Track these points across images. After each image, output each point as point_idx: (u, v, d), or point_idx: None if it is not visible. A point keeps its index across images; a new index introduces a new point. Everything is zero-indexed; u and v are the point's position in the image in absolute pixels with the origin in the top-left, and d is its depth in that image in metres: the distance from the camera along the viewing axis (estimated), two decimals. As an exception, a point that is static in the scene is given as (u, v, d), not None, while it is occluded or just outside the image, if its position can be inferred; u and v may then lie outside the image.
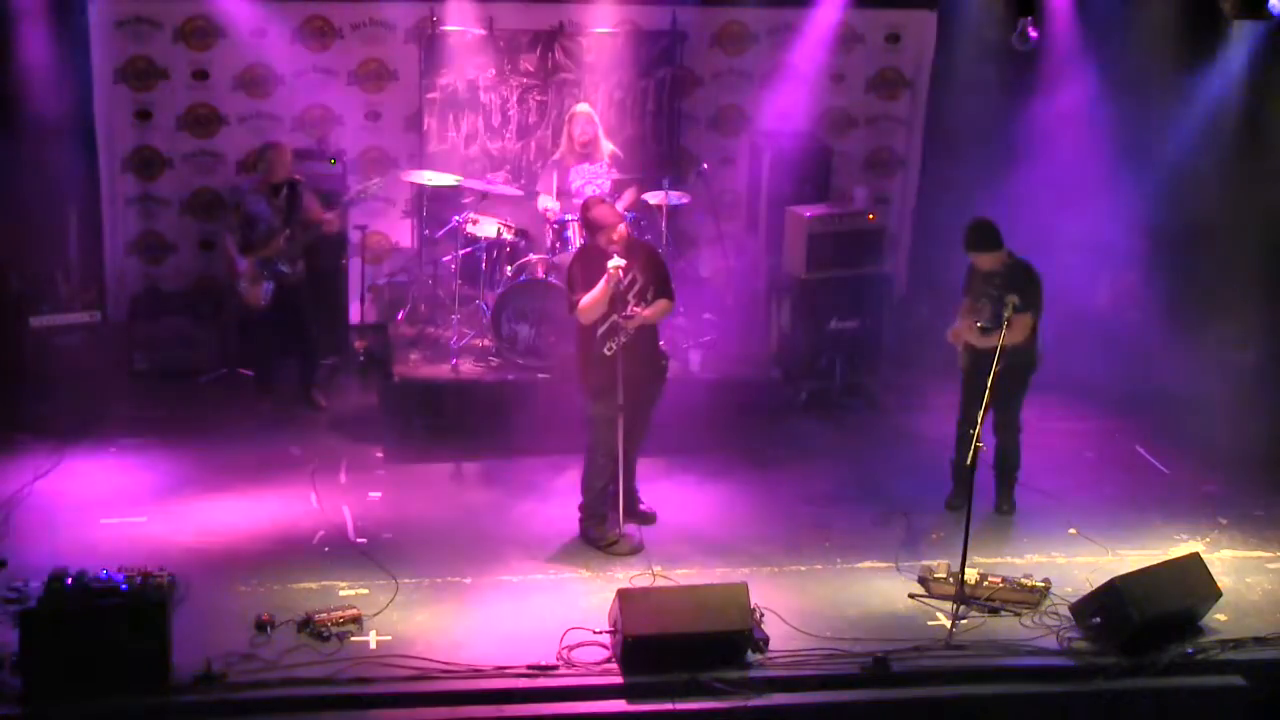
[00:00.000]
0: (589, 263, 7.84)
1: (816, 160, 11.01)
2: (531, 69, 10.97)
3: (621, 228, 7.83)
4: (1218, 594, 7.43)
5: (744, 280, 11.23)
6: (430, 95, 10.88)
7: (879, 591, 7.67)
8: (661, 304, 7.99)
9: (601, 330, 7.82)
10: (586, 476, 8.08)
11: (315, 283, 9.96)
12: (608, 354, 7.79)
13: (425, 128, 10.93)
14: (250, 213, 9.50)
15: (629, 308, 7.83)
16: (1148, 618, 7.02)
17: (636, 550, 7.99)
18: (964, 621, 7.27)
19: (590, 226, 7.89)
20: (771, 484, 9.03)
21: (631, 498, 8.25)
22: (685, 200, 10.35)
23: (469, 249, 9.97)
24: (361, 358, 10.56)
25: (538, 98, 11.03)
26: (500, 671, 6.72)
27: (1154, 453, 9.61)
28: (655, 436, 8.40)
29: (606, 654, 6.89)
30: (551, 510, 8.49)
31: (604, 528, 8.05)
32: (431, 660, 6.75)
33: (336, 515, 8.33)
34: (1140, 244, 10.55)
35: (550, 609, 7.31)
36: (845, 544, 8.20)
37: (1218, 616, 7.44)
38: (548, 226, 9.90)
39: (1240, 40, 10.16)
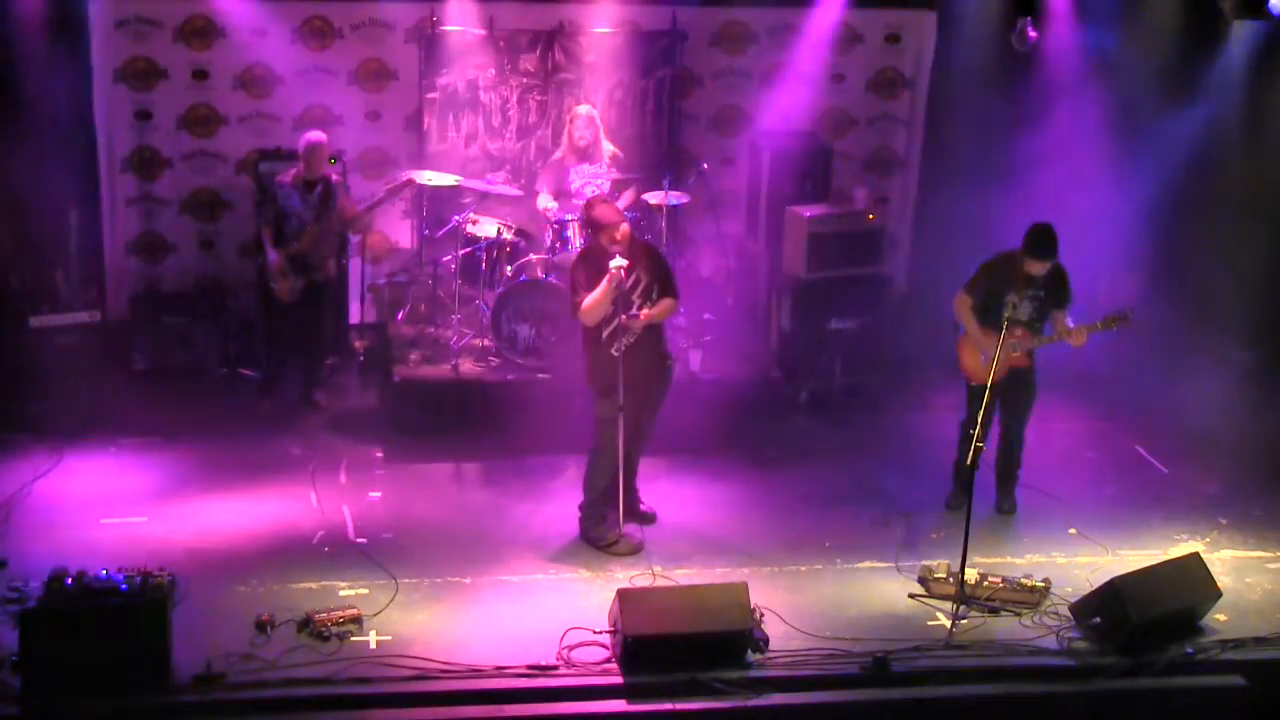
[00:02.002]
0: (592, 263, 7.83)
1: (816, 160, 11.01)
2: (531, 69, 10.97)
3: (624, 227, 7.82)
4: (1218, 594, 7.43)
5: (744, 280, 11.24)
6: (430, 95, 10.88)
7: (879, 591, 7.67)
8: (667, 303, 7.98)
9: (608, 331, 7.82)
10: (589, 476, 8.07)
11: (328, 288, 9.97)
12: (616, 354, 7.79)
13: (425, 128, 10.93)
14: (283, 207, 9.50)
15: (634, 307, 7.83)
16: (1148, 618, 7.02)
17: (636, 550, 7.99)
18: (964, 621, 7.27)
19: (593, 226, 7.89)
20: (771, 484, 9.02)
21: (632, 498, 8.25)
22: (685, 200, 10.35)
23: (469, 249, 9.97)
24: (361, 358, 10.56)
25: (538, 98, 11.03)
26: (500, 671, 6.72)
27: (1154, 453, 9.61)
28: (656, 436, 8.40)
29: (606, 654, 6.89)
30: (551, 510, 8.49)
31: (604, 528, 8.05)
32: (431, 660, 6.75)
33: (336, 515, 8.33)
34: (1140, 243, 10.55)
35: (550, 609, 7.31)
36: (845, 544, 8.20)
37: (1218, 616, 7.44)
38: (548, 226, 9.90)
39: (1240, 40, 10.16)
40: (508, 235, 9.87)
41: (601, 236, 7.80)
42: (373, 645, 6.92)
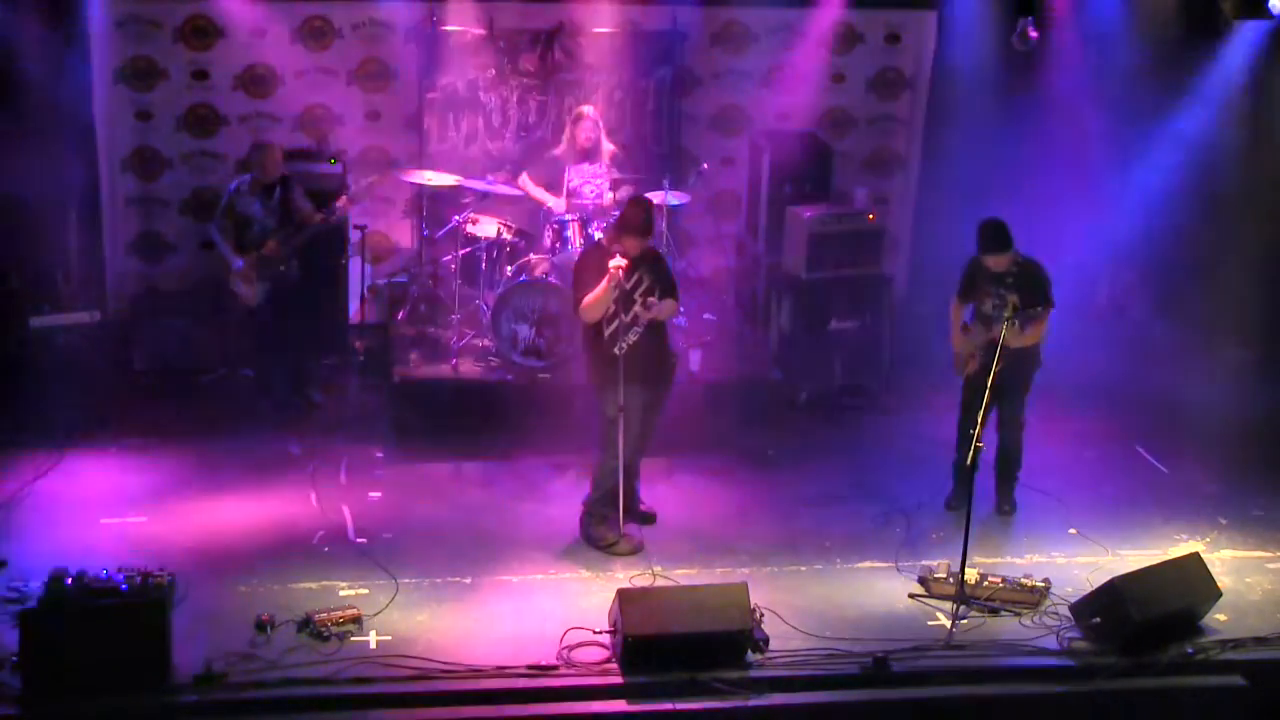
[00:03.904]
0: (596, 261, 7.81)
1: (816, 160, 11.01)
2: (531, 69, 10.98)
3: (641, 241, 7.78)
4: (1218, 594, 7.43)
5: (744, 280, 11.23)
6: (430, 95, 10.89)
7: (879, 591, 7.67)
8: (668, 303, 7.98)
9: (610, 330, 7.81)
10: (596, 476, 8.07)
11: (315, 282, 9.96)
12: (617, 354, 7.78)
13: (425, 128, 10.94)
14: (243, 214, 9.50)
15: (636, 307, 7.82)
16: (1148, 618, 7.02)
17: (636, 550, 7.99)
18: (964, 621, 7.27)
19: (630, 226, 7.72)
20: (771, 484, 9.03)
21: (632, 498, 8.25)
22: (685, 200, 10.35)
23: (469, 249, 9.97)
24: (361, 358, 10.56)
25: (538, 98, 11.04)
26: (500, 671, 6.72)
27: (1154, 453, 9.61)
28: (656, 436, 8.40)
29: (606, 654, 6.89)
30: (551, 510, 8.49)
31: (604, 528, 8.05)
32: (431, 660, 6.76)
33: (336, 515, 8.33)
34: (1140, 243, 10.55)
35: (550, 609, 7.31)
36: (845, 544, 8.20)
37: (1218, 616, 7.44)
38: (548, 226, 9.90)
39: (1240, 40, 10.16)
40: (508, 235, 9.87)
41: (625, 238, 7.73)
42: (373, 645, 6.91)
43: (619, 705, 6.64)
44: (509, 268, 9.82)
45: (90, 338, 9.97)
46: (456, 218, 10.00)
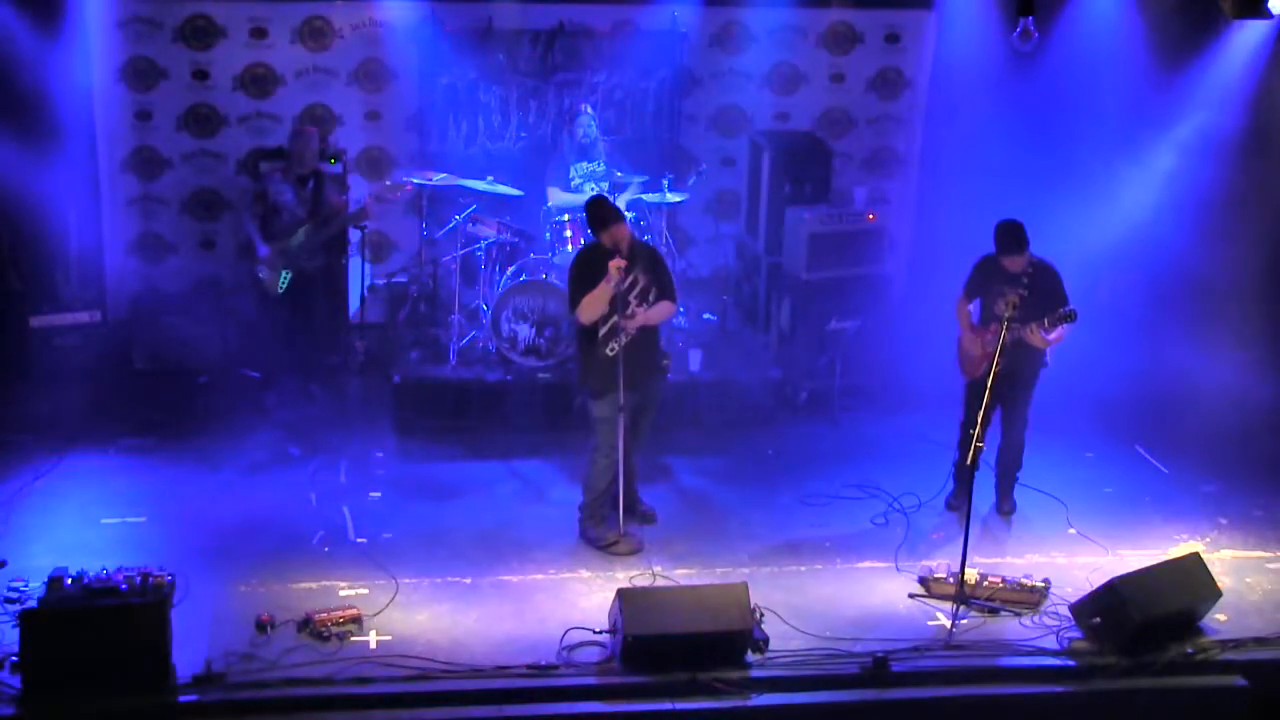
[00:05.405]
0: (593, 261, 7.83)
1: (816, 160, 11.01)
2: (531, 69, 10.98)
3: (622, 227, 7.81)
4: (1218, 594, 7.43)
5: (744, 280, 11.23)
6: (430, 95, 10.88)
7: (879, 591, 7.67)
8: (664, 306, 7.99)
9: (603, 331, 7.82)
10: (588, 477, 8.08)
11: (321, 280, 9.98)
12: (609, 354, 7.79)
13: (425, 128, 10.93)
14: (276, 201, 9.49)
15: (630, 308, 7.83)
16: (1148, 618, 7.03)
17: (636, 550, 7.99)
18: (964, 621, 7.28)
19: (593, 224, 7.88)
20: (771, 484, 9.03)
21: (632, 498, 8.25)
22: (685, 200, 10.35)
23: (469, 249, 9.98)
24: (361, 358, 10.56)
25: (538, 98, 11.04)
26: (500, 671, 6.73)
27: (1154, 452, 9.61)
28: (656, 436, 8.41)
29: (606, 654, 6.89)
30: (551, 510, 8.50)
31: (604, 528, 8.06)
32: (431, 660, 6.76)
33: (336, 515, 8.33)
34: (1139, 243, 10.54)
35: (550, 609, 7.32)
36: (845, 544, 8.21)
37: (1218, 616, 7.45)
38: (548, 226, 9.90)
39: (1240, 40, 10.15)
40: (507, 235, 9.88)
41: (602, 235, 7.80)
42: (373, 645, 6.92)
43: (619, 705, 6.65)
44: (509, 268, 9.83)
45: (90, 338, 9.97)
46: (457, 217, 10.01)
